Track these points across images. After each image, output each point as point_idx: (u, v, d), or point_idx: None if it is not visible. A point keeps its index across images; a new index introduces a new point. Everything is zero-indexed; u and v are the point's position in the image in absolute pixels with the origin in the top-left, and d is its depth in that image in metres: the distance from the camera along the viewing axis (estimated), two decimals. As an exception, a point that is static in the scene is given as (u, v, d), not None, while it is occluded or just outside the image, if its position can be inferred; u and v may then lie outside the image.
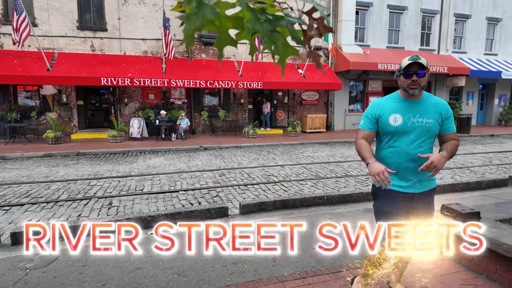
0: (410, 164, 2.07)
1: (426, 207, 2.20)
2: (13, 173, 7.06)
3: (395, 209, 2.13)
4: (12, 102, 12.26)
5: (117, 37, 13.02)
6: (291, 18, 0.99)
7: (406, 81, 2.05)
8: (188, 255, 3.13)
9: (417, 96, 2.10)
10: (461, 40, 18.10)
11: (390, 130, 2.09)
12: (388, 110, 2.12)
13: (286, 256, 3.10)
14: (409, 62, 2.01)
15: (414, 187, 2.12)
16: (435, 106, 2.11)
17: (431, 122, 2.07)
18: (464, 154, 9.50)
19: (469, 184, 5.55)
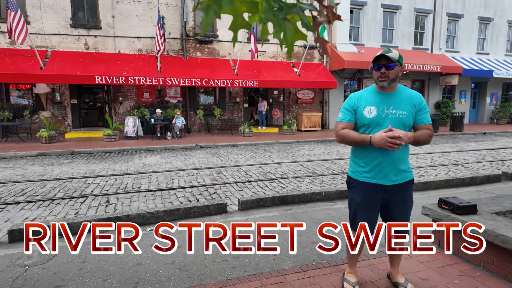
0: (385, 155, 2.12)
1: (402, 199, 2.23)
2: (7, 172, 6.97)
3: (368, 200, 2.19)
4: (5, 101, 12.09)
5: (111, 35, 12.92)
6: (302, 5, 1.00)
7: (376, 73, 2.12)
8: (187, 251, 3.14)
9: (391, 89, 2.15)
10: (454, 39, 18.32)
11: (365, 122, 2.14)
12: (364, 102, 2.17)
13: (286, 250, 3.12)
14: (378, 54, 2.08)
15: (388, 179, 2.16)
16: (409, 99, 2.16)
17: (405, 114, 2.11)
18: (458, 151, 9.63)
19: (463, 179, 5.63)
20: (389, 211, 2.26)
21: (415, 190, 5.30)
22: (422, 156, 8.75)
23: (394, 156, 2.13)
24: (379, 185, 2.16)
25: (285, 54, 15.25)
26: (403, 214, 2.25)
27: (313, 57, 15.77)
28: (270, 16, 0.96)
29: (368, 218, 2.22)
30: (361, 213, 2.22)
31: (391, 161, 2.14)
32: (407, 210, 2.27)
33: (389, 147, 1.99)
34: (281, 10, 0.97)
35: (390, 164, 2.14)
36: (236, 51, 14.14)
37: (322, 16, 1.07)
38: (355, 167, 2.26)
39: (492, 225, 2.65)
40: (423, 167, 7.30)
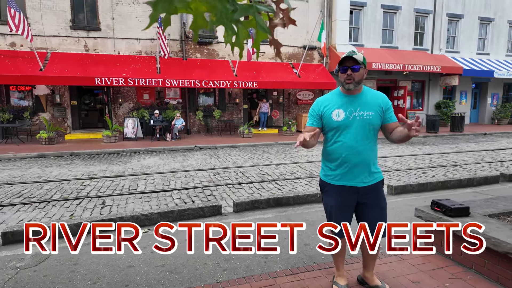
0: (355, 157, 2.12)
1: (375, 200, 2.22)
2: (5, 173, 6.99)
3: (342, 203, 2.19)
4: (5, 103, 12.15)
5: (111, 37, 12.96)
6: (260, 6, 1.00)
7: (343, 75, 2.11)
8: (180, 253, 3.14)
9: (357, 91, 2.16)
10: (454, 39, 18.27)
11: (334, 126, 2.14)
12: (331, 106, 2.17)
13: (278, 253, 3.11)
14: (344, 56, 2.08)
15: (359, 181, 2.16)
16: (375, 99, 2.17)
17: (372, 115, 2.12)
18: (457, 152, 9.59)
19: (460, 181, 5.60)
20: (364, 213, 2.25)
21: (412, 192, 5.29)
22: (420, 157, 8.72)
23: (363, 157, 2.13)
24: (351, 187, 2.17)
25: (284, 55, 15.25)
26: (379, 214, 2.25)
27: (312, 58, 15.75)
28: (223, 19, 0.95)
29: (344, 219, 2.22)
30: (337, 216, 2.23)
31: (361, 163, 2.14)
32: (382, 210, 2.26)
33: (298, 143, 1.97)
34: (235, 12, 0.97)
35: (360, 166, 2.14)
36: (236, 52, 14.13)
37: (277, 18, 1.07)
38: (326, 171, 2.26)
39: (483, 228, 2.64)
40: (421, 168, 7.27)
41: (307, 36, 15.05)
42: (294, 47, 15.34)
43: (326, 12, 15.48)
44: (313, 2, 15.27)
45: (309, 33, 14.94)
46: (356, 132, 2.09)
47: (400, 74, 16.75)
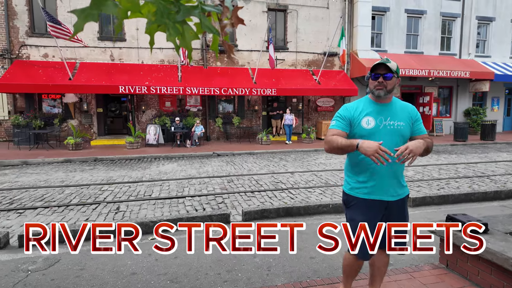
0: (385, 169, 2.01)
1: (401, 215, 2.13)
2: (33, 177, 7.37)
3: (370, 219, 2.05)
4: (37, 110, 12.87)
5: (135, 47, 13.46)
6: (205, 7, 0.97)
7: (373, 82, 2.04)
8: (183, 262, 3.14)
9: (386, 100, 2.08)
10: (485, 43, 17.43)
11: (363, 133, 2.03)
12: (361, 113, 2.07)
13: (281, 265, 3.04)
14: (377, 63, 2.01)
15: (388, 194, 2.05)
16: (405, 110, 2.11)
17: (402, 125, 2.05)
18: (486, 162, 9.05)
19: (486, 193, 5.26)
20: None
21: (431, 204, 5.03)
22: (445, 167, 8.30)
23: (394, 169, 2.04)
24: (381, 202, 2.05)
25: (304, 62, 15.17)
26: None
27: (333, 64, 15.55)
28: (164, 19, 0.94)
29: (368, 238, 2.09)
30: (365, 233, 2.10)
31: (392, 175, 2.05)
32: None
33: (375, 159, 1.82)
34: (179, 13, 0.95)
35: (391, 178, 2.05)
36: (255, 59, 14.25)
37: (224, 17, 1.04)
38: (353, 184, 2.13)
39: (502, 247, 2.44)
40: (444, 179, 6.91)
41: (328, 42, 14.90)
42: (314, 54, 15.23)
43: (347, 18, 15.27)
44: (333, 9, 15.13)
45: (329, 39, 14.79)
46: (386, 142, 1.98)
47: (426, 80, 16.15)
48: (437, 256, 3.08)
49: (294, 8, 14.75)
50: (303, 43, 14.98)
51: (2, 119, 12.69)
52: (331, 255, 3.24)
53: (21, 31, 12.50)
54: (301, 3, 14.77)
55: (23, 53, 12.61)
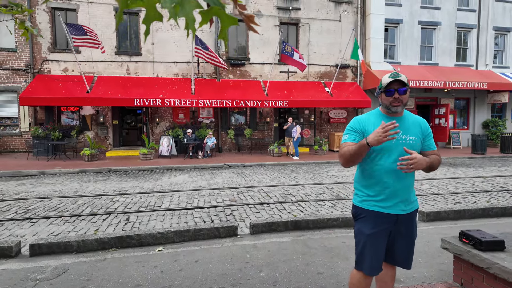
0: (397, 183, 1.98)
1: (410, 230, 2.09)
2: (49, 187, 7.56)
3: (378, 232, 2.00)
4: (56, 122, 13.32)
5: (150, 61, 13.84)
6: None
7: (388, 98, 2.01)
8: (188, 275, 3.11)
9: (399, 114, 2.06)
10: (503, 54, 17.04)
11: (376, 148, 1.98)
12: (372, 126, 2.04)
13: (288, 280, 2.97)
14: (390, 80, 1.97)
15: (398, 208, 2.02)
16: (417, 124, 2.09)
17: (414, 140, 2.03)
18: (506, 175, 8.70)
19: (505, 208, 5.03)
20: (395, 243, 2.08)
21: (446, 219, 4.85)
22: (462, 181, 8.03)
23: (404, 183, 2.01)
24: (391, 215, 2.01)
25: (316, 74, 15.20)
26: (410, 245, 2.11)
27: (345, 76, 15.51)
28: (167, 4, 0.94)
29: (376, 252, 2.03)
30: (370, 246, 2.03)
31: (402, 189, 2.01)
32: (413, 242, 2.13)
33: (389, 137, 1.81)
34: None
35: (401, 192, 2.01)
36: (267, 72, 14.38)
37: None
38: (363, 196, 2.09)
39: None
40: (461, 193, 6.67)
41: (340, 54, 14.91)
42: (326, 66, 15.25)
43: (360, 31, 15.29)
44: (346, 21, 15.20)
45: (341, 51, 14.80)
46: (398, 156, 1.96)
47: (441, 91, 15.86)
48: (450, 273, 2.94)
49: (306, 22, 14.90)
50: (315, 56, 15.04)
51: (23, 130, 13.18)
52: (339, 271, 3.15)
53: (43, 47, 13.09)
54: (313, 16, 14.91)
55: (44, 67, 13.16)
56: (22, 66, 13.02)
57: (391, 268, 2.19)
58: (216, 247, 3.80)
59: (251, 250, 3.67)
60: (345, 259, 3.41)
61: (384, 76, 2.02)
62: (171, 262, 3.39)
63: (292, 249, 3.71)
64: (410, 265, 2.14)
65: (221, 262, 3.37)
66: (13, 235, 4.41)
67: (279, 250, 3.66)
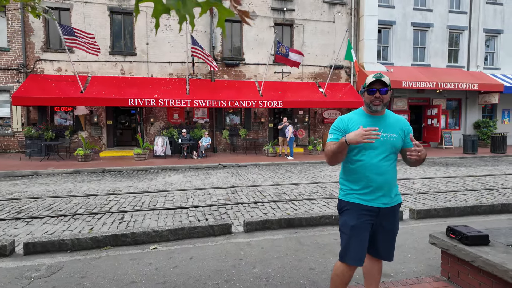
0: (378, 177, 2.08)
1: (391, 223, 2.18)
2: (42, 187, 7.53)
3: (361, 223, 2.10)
4: (49, 122, 13.23)
5: (145, 61, 13.83)
6: None
7: (370, 97, 2.12)
8: (182, 271, 3.16)
9: (381, 112, 2.17)
10: (493, 56, 17.33)
11: (358, 145, 2.07)
12: (355, 124, 2.15)
13: (280, 276, 3.03)
14: (373, 80, 2.09)
15: (380, 202, 2.11)
16: (398, 122, 2.20)
17: (395, 137, 2.13)
18: (496, 175, 8.88)
19: (493, 206, 5.16)
20: (377, 236, 2.18)
21: (436, 217, 4.95)
22: (453, 180, 8.17)
23: (386, 178, 2.10)
24: (373, 208, 2.10)
25: (310, 75, 15.31)
26: (392, 238, 2.21)
27: (339, 77, 15.65)
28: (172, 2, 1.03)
29: (359, 243, 2.11)
30: (354, 238, 2.11)
31: (384, 184, 2.10)
32: (394, 235, 2.23)
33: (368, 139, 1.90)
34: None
35: (382, 186, 2.10)
36: (261, 73, 14.45)
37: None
38: (347, 190, 2.19)
39: (502, 259, 2.40)
40: (451, 192, 6.80)
41: (334, 55, 15.05)
42: (320, 67, 15.37)
43: (353, 32, 15.44)
44: (339, 23, 15.34)
45: (335, 52, 14.94)
46: (379, 152, 2.09)
47: (433, 92, 16.08)
48: (438, 268, 3.03)
49: (300, 23, 15.01)
50: (309, 56, 15.15)
51: (16, 131, 13.07)
52: (330, 267, 3.22)
53: (36, 46, 13.00)
54: (307, 17, 15.02)
55: (37, 67, 13.07)
56: (14, 66, 12.92)
57: (377, 262, 2.27)
58: (211, 244, 3.85)
59: (245, 247, 3.73)
60: (337, 255, 3.46)
61: (369, 76, 2.12)
62: (165, 259, 3.43)
63: (285, 246, 3.77)
64: (392, 257, 2.24)
65: (215, 259, 3.42)
66: (7, 235, 4.41)
67: (273, 247, 3.72)
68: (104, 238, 3.84)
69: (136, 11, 1.09)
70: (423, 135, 16.75)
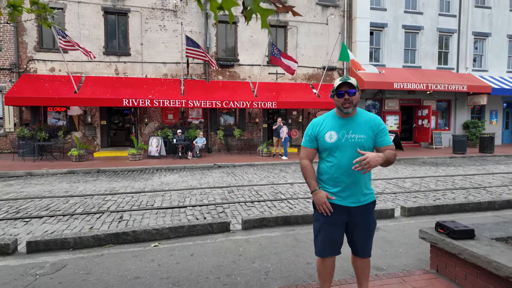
0: (347, 178, 2.19)
1: (365, 221, 2.26)
2: (38, 188, 7.53)
3: (331, 220, 2.23)
4: (42, 122, 13.15)
5: (139, 61, 13.84)
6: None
7: (340, 100, 2.19)
8: (184, 267, 3.27)
9: (351, 114, 2.24)
10: (482, 58, 17.78)
11: (327, 147, 2.23)
12: (325, 128, 2.26)
13: (279, 270, 3.17)
14: (340, 82, 2.18)
15: (349, 201, 2.21)
16: (368, 122, 2.23)
17: (363, 138, 2.19)
18: (483, 174, 9.17)
19: (480, 204, 5.38)
20: (353, 233, 2.30)
21: (426, 214, 5.15)
22: (442, 179, 8.42)
23: (355, 178, 2.19)
24: (342, 207, 2.22)
25: (304, 76, 15.50)
26: (366, 235, 2.30)
27: (332, 78, 15.87)
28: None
29: (328, 238, 2.26)
30: (321, 233, 2.27)
31: (353, 184, 2.20)
32: (370, 232, 2.32)
33: (322, 209, 2.19)
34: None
35: (351, 186, 2.20)
36: (256, 73, 14.59)
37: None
38: (320, 188, 2.31)
39: (486, 251, 2.58)
40: (441, 190, 7.03)
41: (327, 57, 15.27)
42: (314, 68, 15.59)
43: (346, 34, 15.69)
44: (332, 25, 15.58)
45: (328, 54, 15.16)
46: (347, 153, 2.17)
47: (424, 93, 16.43)
48: (428, 261, 3.20)
49: (294, 25, 15.19)
50: (303, 58, 15.35)
51: (8, 131, 12.96)
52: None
53: (29, 46, 12.92)
54: (301, 19, 15.22)
55: (30, 67, 12.99)
56: (7, 66, 12.81)
57: (362, 259, 2.37)
58: (210, 242, 3.97)
59: (244, 244, 3.85)
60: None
61: (336, 80, 2.22)
62: (167, 256, 3.53)
63: (283, 242, 3.91)
64: (368, 253, 2.33)
65: (216, 255, 3.54)
66: (7, 234, 4.46)
67: (270, 244, 3.86)
68: (106, 236, 3.92)
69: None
70: (414, 135, 17.10)
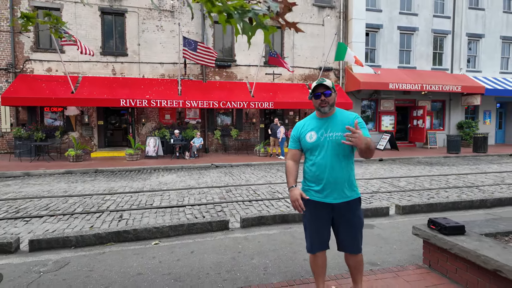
0: (328, 175, 2.28)
1: (349, 218, 2.33)
2: (36, 188, 7.56)
3: (316, 217, 2.35)
4: (39, 123, 13.13)
5: (136, 62, 13.87)
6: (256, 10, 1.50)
7: (317, 101, 2.33)
8: (185, 263, 3.36)
9: (329, 113, 2.35)
10: (475, 59, 18.03)
11: (308, 147, 2.36)
12: (307, 129, 2.40)
13: (277, 266, 3.27)
14: (316, 84, 2.32)
15: (331, 198, 2.30)
16: (345, 120, 2.31)
17: (340, 135, 2.26)
18: (477, 173, 9.34)
19: (472, 202, 5.52)
20: (338, 230, 2.38)
21: (420, 212, 5.28)
22: (436, 178, 8.58)
23: (336, 176, 2.28)
24: (325, 204, 2.31)
25: (301, 77, 15.63)
26: (352, 232, 2.35)
27: (328, 79, 15.99)
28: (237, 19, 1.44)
29: (315, 234, 2.38)
30: (308, 230, 2.41)
31: (334, 181, 2.28)
32: (356, 229, 2.36)
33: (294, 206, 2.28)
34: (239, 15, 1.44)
35: (333, 183, 2.28)
36: (253, 74, 14.68)
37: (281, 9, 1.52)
38: (304, 186, 2.43)
39: (476, 246, 2.70)
40: (435, 189, 7.18)
41: (323, 58, 15.41)
42: (310, 69, 15.72)
43: (342, 35, 15.84)
44: (328, 26, 15.72)
45: (325, 55, 15.31)
46: (327, 152, 2.27)
47: (419, 94, 16.63)
48: (421, 257, 3.32)
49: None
50: (299, 59, 15.48)
51: (5, 131, 12.94)
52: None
53: (26, 46, 12.90)
54: (297, 20, 15.30)
55: (27, 67, 12.97)
56: (3, 66, 12.78)
57: (353, 256, 2.43)
58: (210, 239, 4.05)
59: (243, 242, 3.95)
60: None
61: (313, 83, 2.35)
62: (168, 253, 3.62)
63: (281, 239, 4.01)
64: (357, 250, 2.36)
65: (215, 252, 3.63)
66: (8, 233, 4.51)
67: (269, 241, 3.96)
68: (107, 235, 4.00)
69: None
70: (409, 135, 17.30)
